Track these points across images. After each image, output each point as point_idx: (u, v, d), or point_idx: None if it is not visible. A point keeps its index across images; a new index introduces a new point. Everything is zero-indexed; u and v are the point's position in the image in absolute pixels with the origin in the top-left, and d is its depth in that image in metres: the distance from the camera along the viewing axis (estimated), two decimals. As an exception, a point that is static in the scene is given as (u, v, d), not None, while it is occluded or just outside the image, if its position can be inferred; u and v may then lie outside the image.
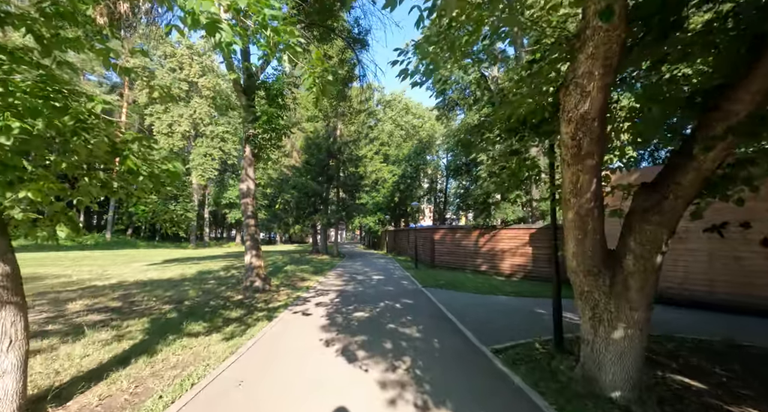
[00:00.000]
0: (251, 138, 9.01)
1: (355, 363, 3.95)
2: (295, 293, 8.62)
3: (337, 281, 10.86)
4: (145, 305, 6.73)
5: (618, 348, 2.94)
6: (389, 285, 10.27)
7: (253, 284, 8.92)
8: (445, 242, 16.38)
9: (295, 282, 10.51)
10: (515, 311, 6.96)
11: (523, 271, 12.99)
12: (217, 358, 4.00)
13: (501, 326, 5.85)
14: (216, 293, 8.21)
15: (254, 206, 9.34)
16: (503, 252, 13.72)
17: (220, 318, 5.86)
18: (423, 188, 38.44)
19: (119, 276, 10.64)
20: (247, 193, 9.20)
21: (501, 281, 11.77)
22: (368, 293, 8.77)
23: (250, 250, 9.12)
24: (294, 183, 21.17)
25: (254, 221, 9.24)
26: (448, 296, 8.63)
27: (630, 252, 2.86)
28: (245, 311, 6.52)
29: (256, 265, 9.09)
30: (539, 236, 12.55)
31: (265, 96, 8.76)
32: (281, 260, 18.45)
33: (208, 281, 10.06)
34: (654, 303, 2.96)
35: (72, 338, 4.55)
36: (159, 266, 13.60)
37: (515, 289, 10.04)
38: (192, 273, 11.68)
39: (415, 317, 6.20)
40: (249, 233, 9.18)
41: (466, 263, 15.13)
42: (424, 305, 7.36)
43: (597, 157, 2.57)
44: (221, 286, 9.31)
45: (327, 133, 20.98)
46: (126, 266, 13.42)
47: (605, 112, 2.50)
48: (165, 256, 20.12)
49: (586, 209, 2.77)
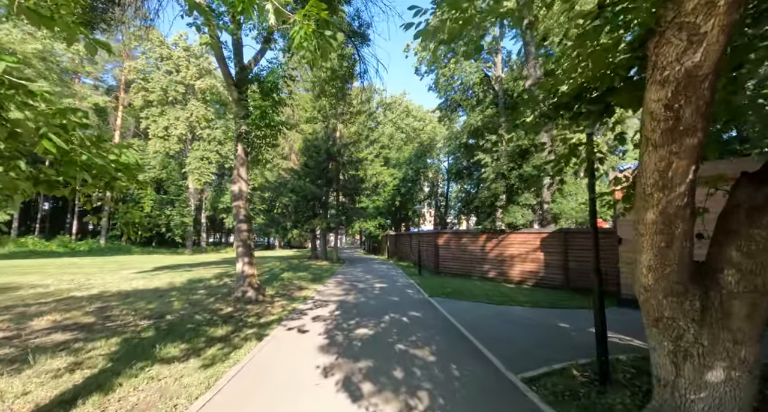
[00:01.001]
0: (243, 136, 8.30)
1: (360, 402, 3.19)
2: (291, 305, 7.85)
3: (337, 290, 10.09)
4: (120, 321, 5.96)
5: (714, 395, 2.19)
6: (393, 294, 9.51)
7: (245, 295, 8.15)
8: (450, 247, 15.63)
9: (292, 292, 9.74)
10: (536, 326, 6.20)
11: (534, 278, 12.23)
12: (189, 395, 3.23)
13: (525, 344, 5.08)
14: (203, 306, 7.44)
15: (247, 209, 8.60)
16: (512, 258, 12.97)
17: (203, 338, 5.09)
18: (424, 192, 37.72)
19: (102, 285, 9.86)
20: (239, 195, 8.47)
21: (511, 289, 11.00)
22: (371, 304, 8.00)
23: (242, 257, 8.37)
24: (292, 186, 20.45)
25: (247, 225, 8.49)
26: (458, 307, 7.87)
27: (732, 265, 2.12)
28: (233, 327, 5.75)
29: (248, 273, 8.33)
30: (551, 240, 11.80)
31: (259, 90, 8.06)
32: (278, 266, 17.67)
33: (198, 291, 9.28)
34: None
35: (18, 366, 3.79)
36: (148, 274, 12.82)
37: (529, 298, 9.28)
38: (181, 282, 10.90)
39: (425, 335, 5.44)
40: (241, 239, 8.43)
41: (473, 269, 14.37)
42: (434, 319, 6.59)
43: (700, 135, 1.84)
44: (211, 297, 8.53)
45: (326, 135, 20.30)
46: (113, 274, 12.64)
47: (720, 66, 1.77)
48: (158, 262, 19.32)
49: (676, 206, 2.03)
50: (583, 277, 10.73)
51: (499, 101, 21.36)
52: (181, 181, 35.50)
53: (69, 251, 28.86)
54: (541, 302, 8.70)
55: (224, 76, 8.07)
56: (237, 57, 8.21)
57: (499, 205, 13.40)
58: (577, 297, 9.46)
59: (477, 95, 24.36)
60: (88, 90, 33.10)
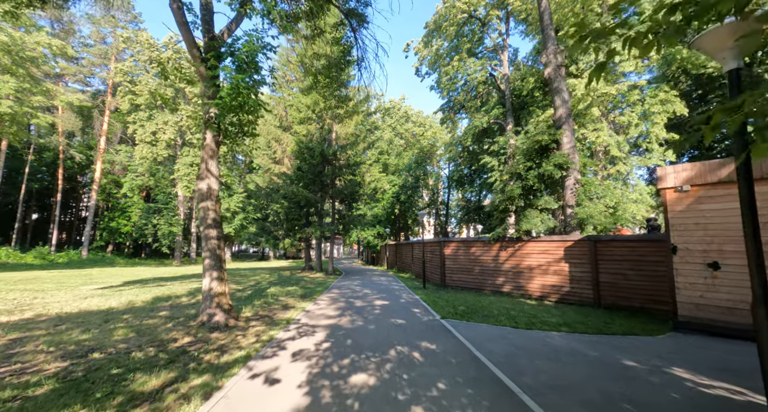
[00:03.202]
0: (213, 121, 6.74)
1: None
2: (270, 332, 6.17)
3: (330, 310, 8.40)
4: (21, 364, 4.27)
5: None
6: (397, 315, 7.84)
7: (211, 319, 6.47)
8: (458, 258, 13.99)
9: (274, 312, 8.04)
10: (595, 364, 4.55)
11: (557, 293, 10.59)
12: None
13: (595, 401, 3.44)
14: (154, 335, 5.75)
15: (218, 211, 6.98)
16: (531, 270, 11.34)
17: (121, 396, 3.41)
18: (424, 200, 36.22)
19: (43, 306, 8.13)
20: (208, 194, 6.85)
21: (534, 307, 9.36)
22: (370, 331, 6.33)
23: (209, 271, 6.71)
24: (284, 192, 18.84)
25: (216, 231, 6.85)
26: (480, 334, 6.22)
27: None
28: (176, 373, 4.07)
29: (217, 291, 6.66)
30: (577, 250, 10.20)
31: (234, 64, 6.53)
32: (267, 279, 15.93)
33: (158, 313, 7.58)
34: None
35: None
36: (110, 291, 11.08)
37: (560, 319, 7.66)
38: (144, 300, 9.18)
39: (449, 384, 3.79)
40: (209, 248, 6.78)
41: (485, 282, 12.71)
42: (455, 354, 4.93)
43: None
44: (170, 320, 6.83)
45: (321, 136, 18.80)
46: (70, 291, 10.89)
47: None
48: (133, 276, 17.52)
49: None
50: (619, 292, 9.14)
51: (506, 101, 20.04)
52: (170, 189, 33.85)
53: (46, 263, 26.90)
54: (578, 325, 7.07)
55: (188, 47, 6.54)
56: (206, 25, 6.70)
57: (514, 209, 11.83)
58: (616, 318, 7.85)
59: (482, 96, 23.11)
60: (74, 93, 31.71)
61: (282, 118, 23.37)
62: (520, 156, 11.65)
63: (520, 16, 18.89)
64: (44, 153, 33.33)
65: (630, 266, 9.01)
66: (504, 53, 19.71)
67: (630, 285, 8.97)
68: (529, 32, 20.84)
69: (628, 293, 8.99)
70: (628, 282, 9.01)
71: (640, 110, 14.19)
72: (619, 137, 14.59)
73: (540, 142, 10.94)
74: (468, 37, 20.59)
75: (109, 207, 33.82)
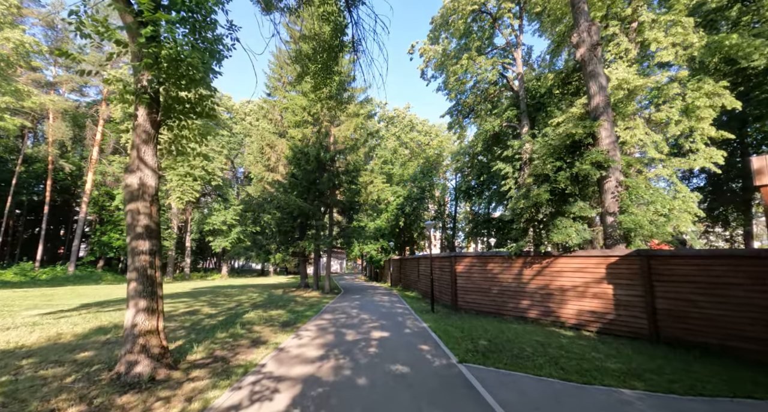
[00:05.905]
0: (147, 91, 4.95)
1: None
2: (209, 393, 4.17)
3: (311, 348, 6.37)
4: None
5: None
6: (399, 357, 5.79)
7: (131, 371, 4.49)
8: (472, 276, 11.90)
9: (236, 352, 6.03)
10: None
11: (598, 321, 8.47)
12: None
13: None
14: (25, 403, 3.79)
15: (154, 216, 5.10)
16: (564, 291, 9.25)
17: None
18: (430, 213, 34.23)
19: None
20: (140, 192, 4.99)
21: (573, 341, 7.26)
22: (359, 388, 4.31)
23: (134, 298, 4.77)
24: (277, 202, 17.03)
25: (149, 243, 4.94)
26: (521, 395, 4.18)
27: None
28: None
29: (143, 329, 4.69)
30: (624, 267, 8.13)
31: (175, 16, 4.77)
32: (253, 299, 13.92)
33: (76, 355, 5.61)
34: None
35: None
36: (53, 317, 9.15)
37: (621, 363, 5.59)
38: (79, 333, 7.22)
39: None
40: (136, 267, 4.85)
41: (505, 305, 10.60)
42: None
43: None
44: (79, 371, 4.86)
45: (317, 140, 17.09)
46: (5, 317, 9.00)
47: None
48: (105, 295, 15.60)
49: None
50: (684, 324, 7.04)
51: (520, 102, 18.28)
52: (163, 200, 32.29)
53: (26, 280, 25.17)
54: (652, 376, 5.01)
55: (111, -11, 4.81)
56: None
57: (540, 218, 9.84)
58: (692, 362, 5.79)
59: (492, 99, 21.42)
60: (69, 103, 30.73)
61: (277, 122, 21.84)
62: (546, 155, 9.72)
63: (534, 10, 17.31)
64: (34, 164, 32.10)
65: (701, 289, 6.91)
66: (517, 51, 18.09)
67: (702, 315, 6.84)
68: (543, 29, 19.28)
69: (699, 326, 6.86)
70: (699, 311, 6.89)
71: (681, 105, 12.27)
72: (656, 136, 12.65)
73: (573, 137, 9.03)
74: (477, 35, 19.07)
75: (101, 220, 32.24)
